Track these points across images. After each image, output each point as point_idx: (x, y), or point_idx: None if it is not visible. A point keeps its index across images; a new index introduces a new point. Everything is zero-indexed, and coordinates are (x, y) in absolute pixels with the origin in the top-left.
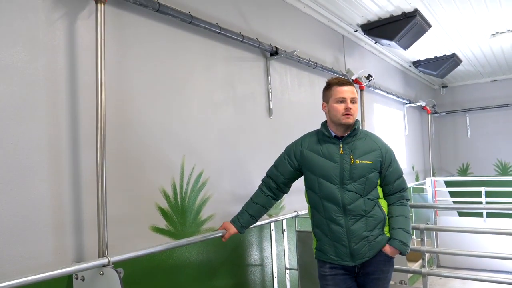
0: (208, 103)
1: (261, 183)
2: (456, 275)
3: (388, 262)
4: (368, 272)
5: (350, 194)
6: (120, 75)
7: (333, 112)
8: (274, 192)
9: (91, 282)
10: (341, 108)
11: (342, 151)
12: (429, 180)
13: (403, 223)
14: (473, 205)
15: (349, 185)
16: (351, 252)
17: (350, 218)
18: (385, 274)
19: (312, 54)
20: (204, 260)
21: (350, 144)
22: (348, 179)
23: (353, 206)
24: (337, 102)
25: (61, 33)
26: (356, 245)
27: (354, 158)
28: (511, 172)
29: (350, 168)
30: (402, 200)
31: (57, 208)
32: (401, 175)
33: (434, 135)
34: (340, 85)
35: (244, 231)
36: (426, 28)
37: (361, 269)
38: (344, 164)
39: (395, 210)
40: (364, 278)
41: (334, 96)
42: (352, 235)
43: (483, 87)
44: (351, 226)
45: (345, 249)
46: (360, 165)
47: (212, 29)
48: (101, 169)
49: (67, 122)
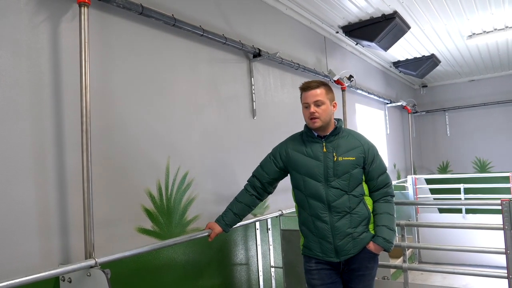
0: (192, 105)
1: (247, 183)
2: (436, 269)
3: (373, 259)
4: (353, 269)
5: (335, 191)
6: (105, 77)
7: (304, 116)
8: (259, 192)
9: (78, 284)
10: (307, 113)
11: (326, 149)
12: (410, 178)
13: (388, 220)
14: (452, 202)
15: (333, 182)
16: (336, 249)
17: (334, 215)
18: (370, 271)
19: (295, 55)
20: (190, 260)
21: (333, 143)
22: (332, 176)
23: (337, 203)
24: (304, 108)
25: (44, 36)
26: (340, 241)
27: (337, 155)
28: (489, 169)
29: (334, 165)
30: (387, 197)
31: (43, 210)
32: (385, 171)
33: (415, 134)
34: (305, 90)
35: (229, 230)
36: (405, 29)
37: (346, 266)
38: (328, 162)
39: (380, 207)
40: (349, 274)
41: (302, 102)
42: (337, 232)
43: (462, 87)
44: (336, 223)
45: (330, 245)
46: (343, 162)
47: (195, 31)
48: (87, 171)
49: (52, 125)
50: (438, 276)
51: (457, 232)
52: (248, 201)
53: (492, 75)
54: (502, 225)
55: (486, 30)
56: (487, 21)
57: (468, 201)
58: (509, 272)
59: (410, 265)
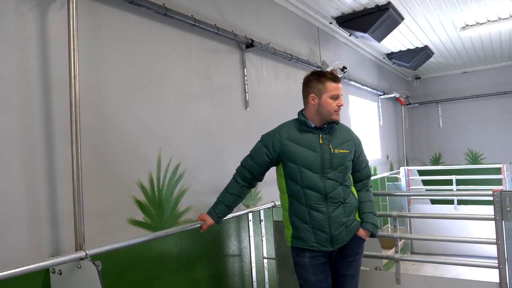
0: (184, 96)
1: (236, 173)
2: (427, 259)
3: (361, 244)
4: (344, 255)
5: (331, 182)
6: (94, 67)
7: (326, 107)
8: (249, 182)
9: (69, 276)
10: (334, 104)
11: (322, 141)
12: (403, 169)
13: (372, 207)
14: (444, 192)
15: (330, 174)
16: (331, 238)
17: (330, 206)
18: (359, 256)
19: (288, 46)
20: (182, 252)
21: (328, 135)
22: (328, 168)
23: (333, 193)
24: (332, 98)
25: (32, 24)
26: (336, 231)
27: (333, 148)
28: (481, 161)
29: (331, 157)
30: (368, 187)
31: (32, 202)
32: (368, 163)
33: (408, 126)
34: (336, 82)
35: (221, 222)
36: (399, 20)
37: (338, 253)
38: (325, 154)
39: (364, 196)
40: (340, 261)
41: (330, 93)
42: (333, 222)
43: (454, 79)
44: (332, 213)
45: (326, 235)
46: (339, 154)
47: (187, 21)
48: (77, 162)
49: (41, 116)
50: (430, 266)
51: (449, 223)
52: (239, 191)
53: (484, 67)
54: (494, 215)
55: (480, 22)
56: (481, 13)
57: (460, 192)
58: (499, 262)
59: (402, 255)
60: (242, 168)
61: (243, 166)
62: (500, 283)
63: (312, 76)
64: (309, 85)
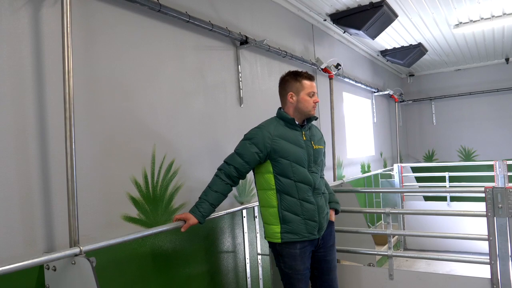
0: (178, 92)
1: (219, 171)
2: (420, 255)
3: (333, 227)
4: (326, 241)
5: (315, 175)
6: (88, 63)
7: (304, 103)
8: (234, 180)
9: (63, 272)
10: (311, 101)
11: (305, 137)
12: (396, 166)
13: (329, 188)
14: (436, 189)
15: (313, 168)
16: (319, 226)
17: (316, 196)
18: (335, 239)
19: (282, 43)
20: (177, 248)
21: (307, 131)
22: (312, 162)
23: (318, 185)
24: (308, 95)
25: (25, 20)
26: (323, 219)
27: (314, 144)
28: (474, 158)
29: (314, 153)
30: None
31: (26, 199)
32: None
33: (401, 123)
34: (311, 80)
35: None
36: (393, 17)
37: (322, 240)
38: (309, 149)
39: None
40: (324, 248)
41: (307, 90)
42: (321, 210)
43: (448, 76)
44: (319, 203)
45: (315, 223)
46: (319, 150)
47: (181, 17)
48: (70, 158)
49: (35, 112)
50: (423, 262)
51: (441, 219)
52: (223, 189)
53: (477, 65)
54: (485, 212)
55: (473, 19)
56: (474, 10)
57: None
58: (491, 258)
59: (395, 252)
60: (228, 166)
61: (229, 164)
62: (492, 278)
63: (289, 76)
64: (287, 84)
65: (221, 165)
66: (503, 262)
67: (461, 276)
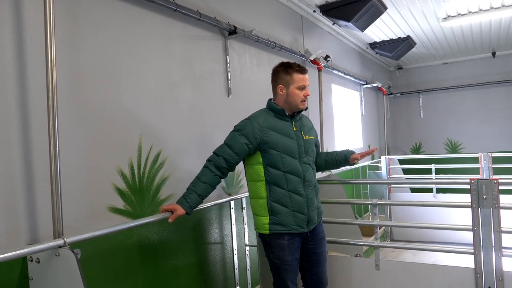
0: (165, 82)
1: (208, 162)
2: (406, 246)
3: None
4: (316, 234)
5: (307, 166)
6: (72, 52)
7: (293, 97)
8: (223, 171)
9: (47, 264)
10: (301, 94)
11: (295, 128)
12: (384, 158)
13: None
14: (422, 180)
15: (305, 158)
16: (308, 219)
17: (307, 188)
18: (324, 233)
19: (271, 34)
20: (164, 240)
21: (298, 122)
22: (303, 153)
23: (309, 177)
24: (299, 89)
25: (6, 5)
26: (312, 212)
27: (304, 134)
28: (460, 150)
29: (304, 143)
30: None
31: (9, 190)
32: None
33: (389, 115)
34: (302, 73)
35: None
36: (382, 10)
37: (311, 233)
38: (299, 140)
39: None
40: (314, 241)
41: (297, 83)
42: (310, 203)
43: (436, 69)
44: (309, 196)
45: (304, 216)
46: (309, 140)
47: (169, 6)
48: (54, 149)
49: (16, 101)
50: (409, 253)
51: (427, 210)
52: (212, 180)
53: (465, 58)
54: (470, 203)
55: (461, 13)
56: (462, 4)
57: (438, 180)
58: (475, 248)
59: (381, 242)
60: (217, 157)
61: (218, 155)
62: (475, 268)
63: (280, 68)
64: (278, 76)
65: (211, 156)
66: (486, 252)
67: (445, 266)
